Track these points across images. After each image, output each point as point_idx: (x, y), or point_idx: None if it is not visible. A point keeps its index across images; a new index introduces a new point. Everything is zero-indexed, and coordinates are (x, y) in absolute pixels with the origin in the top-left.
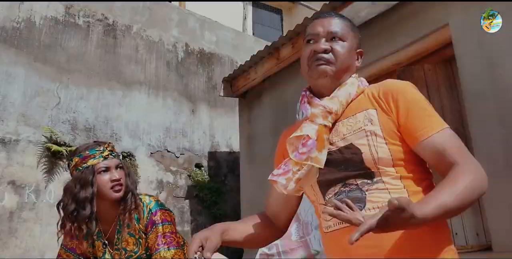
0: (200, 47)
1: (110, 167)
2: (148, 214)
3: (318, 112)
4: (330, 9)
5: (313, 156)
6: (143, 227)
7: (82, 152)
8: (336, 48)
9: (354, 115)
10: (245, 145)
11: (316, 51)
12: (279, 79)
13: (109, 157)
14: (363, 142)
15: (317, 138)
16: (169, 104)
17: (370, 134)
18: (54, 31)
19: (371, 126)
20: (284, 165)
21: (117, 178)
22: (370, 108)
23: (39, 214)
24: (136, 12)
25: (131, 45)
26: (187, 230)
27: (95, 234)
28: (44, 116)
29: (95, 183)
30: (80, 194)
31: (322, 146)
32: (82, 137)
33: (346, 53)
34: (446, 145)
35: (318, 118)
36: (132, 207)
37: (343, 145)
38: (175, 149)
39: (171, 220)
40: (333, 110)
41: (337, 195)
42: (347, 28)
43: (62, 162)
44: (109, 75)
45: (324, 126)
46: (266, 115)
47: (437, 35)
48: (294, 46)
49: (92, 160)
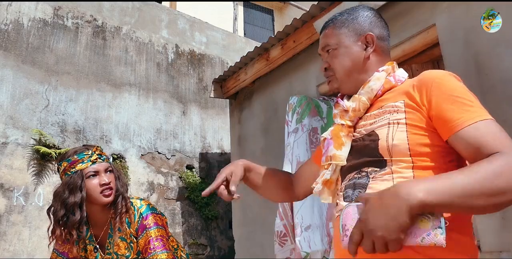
0: (190, 48)
1: (99, 171)
2: (139, 218)
3: (337, 112)
4: (318, 9)
5: (331, 155)
6: (134, 231)
7: (70, 157)
8: (331, 61)
9: (382, 107)
10: (236, 146)
11: (322, 71)
12: (269, 80)
13: (97, 161)
14: (384, 129)
15: (332, 136)
16: (159, 105)
17: (393, 123)
18: (43, 33)
19: (397, 115)
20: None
21: (106, 182)
22: (399, 100)
23: (28, 217)
24: (125, 13)
25: (121, 46)
26: (179, 232)
27: (87, 238)
28: (32, 118)
29: (84, 188)
30: (69, 199)
31: (340, 143)
32: (71, 139)
33: (342, 58)
34: (482, 138)
35: (337, 118)
36: (123, 211)
37: (366, 133)
38: (166, 151)
39: (162, 224)
40: (350, 108)
41: (350, 181)
42: (334, 32)
43: (51, 165)
44: (99, 76)
45: (341, 125)
46: (257, 116)
47: (424, 35)
48: (284, 47)
49: (80, 165)
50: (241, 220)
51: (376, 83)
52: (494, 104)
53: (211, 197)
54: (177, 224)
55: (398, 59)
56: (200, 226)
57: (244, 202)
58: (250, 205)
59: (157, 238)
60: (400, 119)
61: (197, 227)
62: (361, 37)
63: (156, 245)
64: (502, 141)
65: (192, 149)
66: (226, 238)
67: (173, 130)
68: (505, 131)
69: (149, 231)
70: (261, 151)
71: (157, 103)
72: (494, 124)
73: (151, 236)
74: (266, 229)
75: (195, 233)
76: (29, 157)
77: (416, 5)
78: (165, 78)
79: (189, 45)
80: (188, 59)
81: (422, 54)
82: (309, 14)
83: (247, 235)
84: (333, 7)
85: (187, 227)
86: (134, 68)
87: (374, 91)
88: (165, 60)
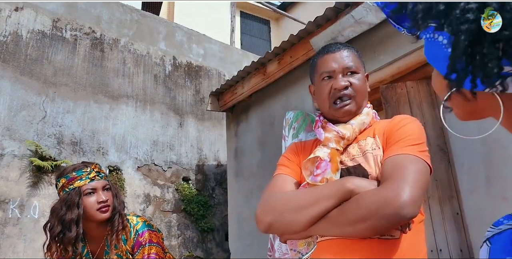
0: (187, 60)
1: (97, 189)
2: (135, 235)
3: (331, 137)
4: (314, 26)
5: (328, 177)
6: (130, 248)
7: (69, 174)
8: (354, 83)
9: (365, 140)
10: (232, 159)
11: (336, 88)
12: (266, 94)
13: (95, 178)
14: (369, 162)
15: (330, 160)
16: (156, 117)
17: (375, 156)
18: (41, 45)
19: (378, 150)
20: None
21: (103, 199)
22: (377, 135)
23: (23, 229)
24: (123, 25)
25: (119, 58)
26: (175, 244)
27: (84, 255)
28: (29, 130)
29: (81, 204)
30: (66, 215)
31: (336, 168)
32: (68, 151)
33: (363, 84)
34: (394, 165)
35: (331, 142)
36: (119, 228)
37: (352, 165)
38: (163, 163)
39: (157, 241)
40: (346, 136)
41: None
42: (357, 58)
43: (47, 177)
44: (96, 88)
45: (336, 150)
46: (253, 130)
47: (418, 53)
48: (280, 62)
49: (78, 182)
50: (237, 234)
51: (367, 118)
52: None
53: (207, 209)
54: (173, 236)
55: (393, 76)
56: (196, 238)
57: (241, 216)
58: (246, 218)
59: (150, 256)
60: (380, 155)
61: (193, 239)
62: (365, 73)
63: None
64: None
65: (188, 161)
66: (222, 251)
67: (169, 142)
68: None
69: (145, 247)
70: (257, 165)
71: (154, 115)
72: (416, 159)
73: (146, 253)
74: (262, 243)
75: (191, 245)
76: (25, 169)
77: None
78: (162, 90)
79: (187, 57)
80: (185, 71)
81: (417, 72)
82: (306, 31)
83: (243, 248)
84: (329, 24)
85: (183, 239)
86: (131, 80)
87: (365, 125)
88: (162, 72)
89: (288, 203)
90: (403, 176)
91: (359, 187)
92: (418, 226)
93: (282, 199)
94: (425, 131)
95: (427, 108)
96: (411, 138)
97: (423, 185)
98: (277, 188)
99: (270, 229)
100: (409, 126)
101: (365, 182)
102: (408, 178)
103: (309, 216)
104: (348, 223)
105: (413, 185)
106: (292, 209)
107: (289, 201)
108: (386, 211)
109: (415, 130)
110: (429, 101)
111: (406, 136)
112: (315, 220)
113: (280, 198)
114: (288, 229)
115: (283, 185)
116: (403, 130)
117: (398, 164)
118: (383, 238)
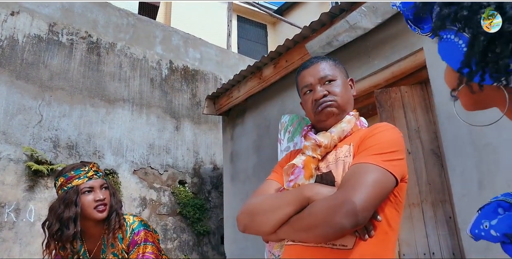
0: (184, 64)
1: (94, 187)
2: (130, 234)
3: (309, 145)
4: (310, 31)
5: (300, 183)
6: (126, 247)
7: (67, 172)
8: (332, 90)
9: (341, 147)
10: (228, 163)
11: (316, 99)
12: (261, 98)
13: (93, 177)
14: (339, 170)
15: (303, 166)
16: (152, 121)
17: (345, 165)
18: (37, 49)
19: (349, 158)
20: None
21: (101, 198)
22: (352, 142)
23: (18, 233)
24: (120, 29)
25: (115, 62)
26: (171, 248)
27: (81, 254)
28: (25, 134)
29: (79, 203)
30: (64, 213)
31: (310, 174)
32: (64, 154)
33: (342, 89)
34: (352, 173)
35: (308, 150)
36: (116, 226)
37: (325, 171)
38: (159, 166)
39: (153, 241)
40: (322, 144)
41: None
42: (332, 67)
43: (43, 181)
44: (92, 92)
45: (312, 158)
46: (249, 133)
47: (412, 58)
48: (276, 66)
49: (76, 181)
50: (233, 237)
51: (347, 126)
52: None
53: (203, 213)
54: (169, 239)
55: (387, 80)
56: (192, 241)
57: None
58: None
59: (144, 254)
60: (349, 162)
61: (189, 242)
62: (348, 79)
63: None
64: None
65: (184, 165)
66: (218, 254)
67: (166, 145)
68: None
69: (140, 246)
70: (253, 168)
71: (150, 118)
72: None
73: (141, 252)
74: (258, 246)
75: (187, 248)
76: (21, 173)
77: (405, 29)
78: (159, 94)
79: (183, 61)
80: (182, 75)
81: (411, 76)
82: (301, 35)
83: (239, 252)
84: (324, 29)
85: (179, 242)
86: (128, 83)
87: (345, 132)
88: (159, 76)
89: (259, 206)
90: (354, 185)
91: (317, 194)
92: (381, 237)
93: (256, 202)
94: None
95: (421, 112)
96: (378, 147)
97: (376, 195)
98: (260, 192)
99: (246, 230)
100: (381, 134)
101: (326, 189)
102: (359, 187)
103: (273, 220)
104: (302, 229)
105: (362, 195)
106: (261, 212)
107: (261, 204)
108: (330, 218)
109: (387, 138)
110: (423, 105)
111: (374, 144)
112: (279, 224)
113: (255, 201)
114: (259, 230)
115: (266, 189)
116: (373, 138)
117: (355, 172)
118: (335, 248)
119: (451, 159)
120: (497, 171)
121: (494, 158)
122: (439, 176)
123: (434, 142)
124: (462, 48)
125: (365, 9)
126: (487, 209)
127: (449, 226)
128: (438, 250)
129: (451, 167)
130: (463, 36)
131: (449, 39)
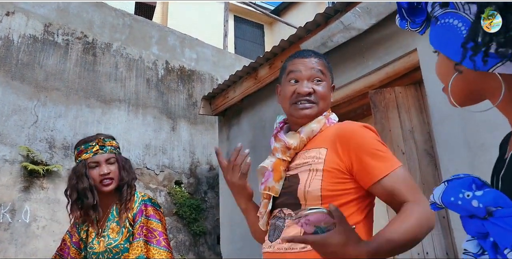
0: (180, 65)
1: (100, 162)
2: (139, 204)
3: (279, 147)
4: (304, 32)
5: (270, 186)
6: (131, 217)
7: (79, 146)
8: (318, 90)
9: (310, 150)
10: None
11: (299, 93)
12: (257, 98)
13: (99, 152)
14: (304, 175)
15: (273, 169)
16: (149, 121)
17: (313, 170)
18: (33, 49)
19: (317, 163)
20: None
21: (105, 172)
22: (323, 147)
23: (14, 234)
24: (116, 30)
25: (111, 62)
26: None
27: None
28: (21, 134)
29: (89, 175)
30: (78, 185)
31: (279, 177)
32: (59, 155)
33: (327, 92)
34: (395, 186)
35: (278, 153)
36: (128, 198)
37: (292, 174)
38: (155, 167)
39: (160, 218)
40: (292, 146)
41: (273, 219)
42: (325, 67)
43: (38, 181)
44: (88, 92)
45: (282, 160)
46: (245, 133)
47: (406, 59)
48: (271, 67)
49: (84, 155)
50: (229, 237)
51: (317, 126)
52: (473, 127)
53: (199, 213)
54: None
55: (381, 81)
56: (188, 242)
57: (233, 219)
58: (238, 222)
59: (162, 233)
60: (319, 167)
61: (185, 243)
62: (332, 84)
63: (161, 240)
64: (410, 190)
65: (181, 165)
66: (215, 254)
67: (162, 145)
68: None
69: (151, 220)
70: None
71: (147, 118)
72: (402, 170)
73: (154, 228)
74: (254, 246)
75: (183, 249)
76: (16, 174)
77: (399, 30)
78: (155, 94)
79: (179, 61)
80: (178, 75)
81: (405, 77)
82: (296, 36)
83: (235, 252)
84: (319, 30)
85: (175, 243)
86: (124, 84)
87: (314, 132)
88: (155, 76)
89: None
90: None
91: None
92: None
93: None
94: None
95: (415, 113)
96: (376, 149)
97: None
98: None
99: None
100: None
101: None
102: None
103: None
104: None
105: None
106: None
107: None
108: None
109: (371, 138)
110: (417, 106)
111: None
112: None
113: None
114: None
115: None
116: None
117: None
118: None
119: (444, 159)
120: (490, 171)
121: (487, 158)
122: (432, 176)
123: (428, 142)
124: (461, 31)
125: (359, 10)
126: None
127: (442, 226)
128: (432, 250)
129: (445, 167)
130: (464, 19)
131: (447, 23)
